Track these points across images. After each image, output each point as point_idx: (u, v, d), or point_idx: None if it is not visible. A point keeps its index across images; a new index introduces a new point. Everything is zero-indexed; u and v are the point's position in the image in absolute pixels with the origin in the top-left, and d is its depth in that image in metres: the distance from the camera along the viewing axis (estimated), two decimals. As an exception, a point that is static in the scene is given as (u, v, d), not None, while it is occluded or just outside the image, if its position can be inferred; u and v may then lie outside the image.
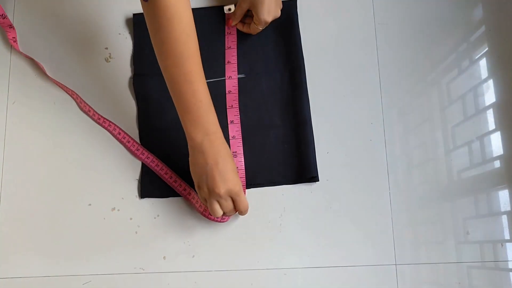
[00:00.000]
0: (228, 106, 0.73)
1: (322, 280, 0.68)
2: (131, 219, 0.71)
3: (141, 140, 0.73)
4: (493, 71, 0.75)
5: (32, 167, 0.73)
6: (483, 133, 0.73)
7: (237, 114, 0.73)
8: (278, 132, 0.72)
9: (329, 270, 0.69)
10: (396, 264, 0.69)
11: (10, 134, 0.74)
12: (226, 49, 0.76)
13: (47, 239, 0.70)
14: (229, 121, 0.73)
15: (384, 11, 0.77)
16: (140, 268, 0.69)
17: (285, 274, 0.69)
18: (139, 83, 0.74)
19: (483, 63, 0.76)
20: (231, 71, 0.75)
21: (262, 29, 0.74)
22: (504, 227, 0.70)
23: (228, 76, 0.74)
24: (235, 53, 0.75)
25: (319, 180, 0.71)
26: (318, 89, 0.74)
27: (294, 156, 0.71)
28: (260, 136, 0.72)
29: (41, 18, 0.78)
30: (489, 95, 0.74)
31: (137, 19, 0.76)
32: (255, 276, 0.69)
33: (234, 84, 0.74)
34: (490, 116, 0.74)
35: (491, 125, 0.73)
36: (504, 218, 0.70)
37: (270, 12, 0.71)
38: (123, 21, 0.77)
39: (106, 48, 0.76)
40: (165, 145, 0.72)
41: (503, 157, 0.72)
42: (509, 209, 0.71)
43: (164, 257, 0.69)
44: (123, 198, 0.71)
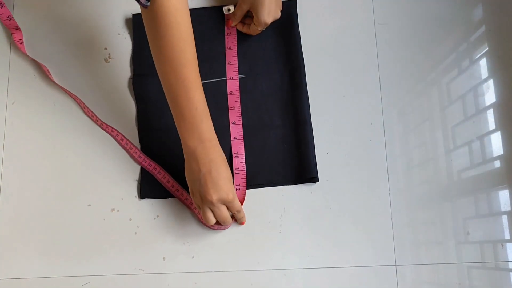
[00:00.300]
0: (230, 107, 0.73)
1: (322, 281, 0.68)
2: (131, 220, 0.71)
3: (141, 141, 0.73)
4: (493, 71, 0.75)
5: (32, 168, 0.73)
6: (483, 133, 0.73)
7: (239, 115, 0.73)
8: (278, 133, 0.72)
9: (329, 271, 0.69)
10: (396, 265, 0.69)
11: (10, 135, 0.74)
12: (227, 50, 0.75)
13: (47, 240, 0.70)
14: (231, 122, 0.73)
15: (384, 11, 0.77)
16: (140, 269, 0.69)
17: (285, 275, 0.69)
18: (139, 84, 0.74)
19: (483, 63, 0.76)
20: (232, 72, 0.74)
21: (262, 30, 0.74)
22: (505, 227, 0.70)
23: (229, 77, 0.74)
24: (236, 54, 0.75)
25: (319, 181, 0.71)
26: (318, 89, 0.74)
27: (294, 157, 0.71)
28: (260, 137, 0.72)
29: (40, 18, 0.78)
30: (489, 95, 0.74)
31: (137, 20, 0.76)
32: (255, 277, 0.69)
33: (236, 85, 0.74)
34: (490, 116, 0.74)
35: (491, 125, 0.73)
36: (505, 218, 0.70)
37: (270, 14, 0.71)
38: (123, 22, 0.77)
39: (106, 49, 0.76)
40: (165, 145, 0.72)
41: (503, 157, 0.72)
42: (509, 209, 0.70)
43: (164, 258, 0.69)
44: (123, 199, 0.71)
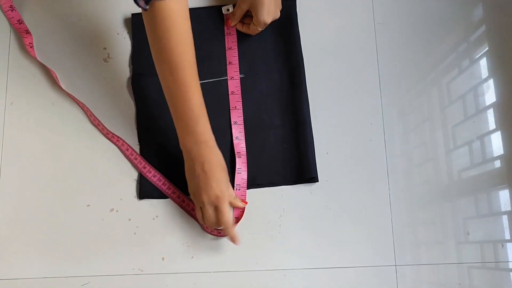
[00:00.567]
0: (232, 107, 0.73)
1: (322, 281, 0.68)
2: (130, 220, 0.70)
3: (140, 141, 0.73)
4: (493, 71, 0.75)
5: (30, 168, 0.73)
6: (484, 133, 0.73)
7: (241, 116, 0.73)
8: (278, 132, 0.72)
9: (329, 271, 0.68)
10: (396, 265, 0.69)
11: (8, 135, 0.74)
12: (227, 50, 0.75)
13: (46, 240, 0.70)
14: (233, 122, 0.72)
15: (384, 11, 0.77)
16: (139, 269, 0.69)
17: (285, 275, 0.68)
18: (138, 83, 0.74)
19: (483, 63, 0.75)
20: (233, 72, 0.74)
21: (261, 30, 0.73)
22: (505, 227, 0.70)
23: (230, 77, 0.74)
24: (236, 54, 0.75)
25: (319, 181, 0.71)
26: (318, 89, 0.74)
27: (294, 157, 0.71)
28: (260, 136, 0.72)
29: (39, 18, 0.78)
30: (490, 95, 0.74)
31: (136, 19, 0.76)
32: (255, 277, 0.68)
33: (237, 85, 0.74)
34: (491, 116, 0.73)
35: (492, 125, 0.73)
36: (505, 218, 0.70)
37: (270, 13, 0.70)
38: (122, 21, 0.77)
39: (105, 48, 0.76)
40: (164, 145, 0.72)
41: (504, 157, 0.72)
42: (510, 209, 0.70)
43: (163, 258, 0.69)
44: (122, 199, 0.71)
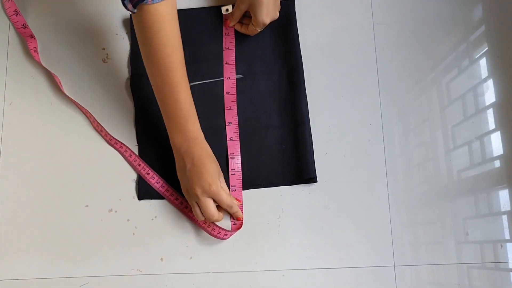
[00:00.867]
0: (226, 107, 0.73)
1: (321, 281, 0.68)
2: (129, 221, 0.70)
3: (138, 141, 0.73)
4: (493, 71, 0.75)
5: (29, 168, 0.73)
6: (483, 133, 0.73)
7: (235, 116, 0.73)
8: (276, 133, 0.72)
9: (328, 271, 0.68)
10: (395, 265, 0.68)
11: (7, 135, 0.74)
12: (224, 50, 0.75)
13: (44, 241, 0.70)
14: (227, 123, 0.72)
15: (383, 11, 0.77)
16: (138, 270, 0.69)
17: (284, 276, 0.68)
18: (137, 84, 0.74)
19: (483, 63, 0.75)
20: (230, 72, 0.74)
21: (260, 30, 0.73)
22: (504, 227, 0.70)
23: (227, 77, 0.74)
24: (233, 54, 0.75)
25: (318, 181, 0.70)
26: (317, 89, 0.74)
27: (292, 157, 0.71)
28: (258, 137, 0.72)
29: (38, 18, 0.78)
30: (489, 95, 0.74)
31: (135, 20, 0.76)
32: (254, 278, 0.68)
33: (233, 85, 0.74)
34: (490, 116, 0.73)
35: (491, 125, 0.73)
36: (504, 218, 0.70)
37: (268, 14, 0.70)
38: (120, 22, 0.77)
39: (103, 49, 0.76)
40: (163, 146, 0.72)
41: (503, 157, 0.72)
42: (509, 209, 0.70)
43: (162, 259, 0.69)
44: (121, 199, 0.71)
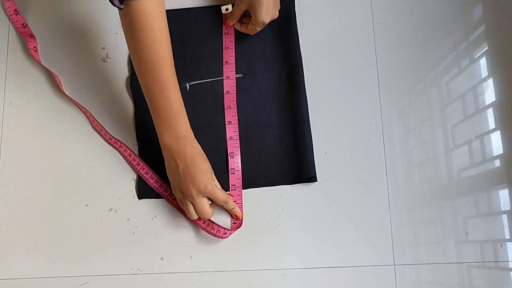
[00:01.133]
0: (226, 107, 0.73)
1: (321, 281, 0.68)
2: (129, 220, 0.70)
3: (138, 140, 0.73)
4: (493, 70, 0.75)
5: (29, 168, 0.73)
6: (483, 132, 0.73)
7: (235, 115, 0.73)
8: (276, 132, 0.72)
9: (328, 271, 0.68)
10: (395, 265, 0.68)
11: (7, 135, 0.74)
12: (224, 49, 0.75)
13: (44, 240, 0.70)
14: (227, 122, 0.72)
15: (383, 10, 0.77)
16: (138, 269, 0.69)
17: (283, 275, 0.68)
18: (136, 83, 0.73)
19: (483, 62, 0.75)
20: (229, 71, 0.74)
21: (260, 30, 0.73)
22: (504, 227, 0.70)
23: (226, 76, 0.74)
24: (233, 53, 0.75)
25: (317, 180, 0.70)
26: (316, 89, 0.74)
27: (292, 156, 0.71)
28: (258, 136, 0.72)
29: (38, 17, 0.78)
30: (489, 94, 0.74)
31: (135, 19, 0.76)
32: (253, 277, 0.68)
33: (232, 85, 0.74)
34: (490, 115, 0.73)
35: (491, 124, 0.73)
36: (504, 218, 0.70)
37: (268, 13, 0.70)
38: (120, 21, 0.77)
39: (103, 48, 0.76)
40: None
41: (503, 156, 0.72)
42: (509, 209, 0.70)
43: (162, 258, 0.69)
44: (121, 199, 0.71)
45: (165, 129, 0.63)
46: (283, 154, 0.71)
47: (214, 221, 0.68)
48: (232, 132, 0.72)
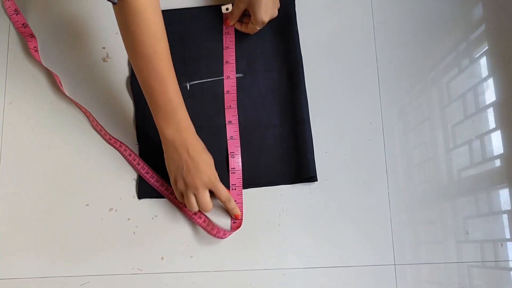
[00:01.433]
0: (226, 106, 0.73)
1: (321, 280, 0.68)
2: (129, 220, 0.70)
3: (138, 140, 0.73)
4: (493, 70, 0.75)
5: (29, 168, 0.73)
6: (483, 132, 0.73)
7: (235, 115, 0.73)
8: (276, 132, 0.72)
9: (328, 270, 0.68)
10: (395, 264, 0.68)
11: (7, 135, 0.74)
12: (225, 49, 0.75)
13: (45, 240, 0.70)
14: (227, 122, 0.72)
15: (383, 10, 0.77)
16: (138, 269, 0.69)
17: (284, 275, 0.68)
18: (137, 83, 0.73)
19: (483, 62, 0.75)
20: (230, 71, 0.74)
21: (260, 29, 0.73)
22: (505, 226, 0.70)
23: (227, 76, 0.74)
24: (234, 53, 0.75)
25: (318, 180, 0.70)
26: (317, 88, 0.74)
27: (293, 156, 0.71)
28: (258, 136, 0.72)
29: (38, 17, 0.78)
30: (489, 94, 0.74)
31: (135, 19, 0.76)
32: (254, 277, 0.68)
33: (233, 84, 0.74)
34: (490, 115, 0.73)
35: (491, 124, 0.73)
36: (504, 217, 0.70)
37: (267, 12, 0.70)
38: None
39: (104, 48, 0.76)
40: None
41: (503, 156, 0.72)
42: (509, 208, 0.70)
43: (162, 258, 0.69)
44: (121, 199, 0.71)
45: (166, 123, 0.63)
46: (284, 154, 0.71)
47: (214, 222, 0.68)
48: (233, 132, 0.72)
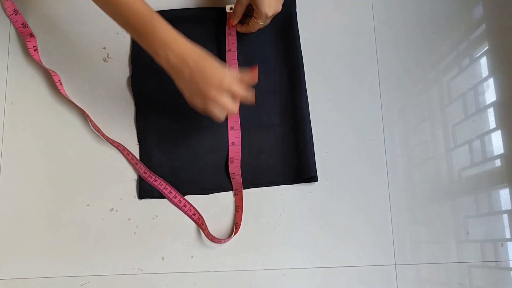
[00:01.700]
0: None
1: (321, 280, 0.68)
2: (130, 220, 0.70)
3: (139, 141, 0.72)
4: (494, 70, 0.75)
5: (30, 168, 0.73)
6: (484, 132, 0.73)
7: (238, 120, 0.72)
8: (277, 132, 0.72)
9: (328, 270, 0.68)
10: (396, 264, 0.69)
11: (8, 134, 0.74)
12: (227, 52, 0.74)
13: (45, 240, 0.70)
14: (230, 127, 0.72)
15: (384, 10, 0.77)
16: (139, 269, 0.69)
17: (284, 275, 0.68)
18: (137, 83, 0.74)
19: (484, 62, 0.75)
20: None
21: (261, 27, 0.72)
22: (505, 226, 0.70)
23: None
24: (236, 56, 0.74)
25: (318, 180, 0.71)
26: (317, 88, 0.74)
27: (293, 156, 0.71)
28: (259, 136, 0.72)
29: (38, 17, 0.78)
30: (490, 94, 0.74)
31: (135, 19, 0.76)
32: (254, 277, 0.68)
33: None
34: (491, 115, 0.73)
35: (492, 124, 0.73)
36: (505, 217, 0.70)
37: (271, 6, 0.69)
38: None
39: (104, 48, 0.76)
40: (163, 145, 0.72)
41: (504, 156, 0.72)
42: (510, 208, 0.70)
43: (163, 258, 0.69)
44: (122, 199, 0.71)
45: (151, 44, 0.58)
46: (284, 154, 0.71)
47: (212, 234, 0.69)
48: (234, 138, 0.71)
